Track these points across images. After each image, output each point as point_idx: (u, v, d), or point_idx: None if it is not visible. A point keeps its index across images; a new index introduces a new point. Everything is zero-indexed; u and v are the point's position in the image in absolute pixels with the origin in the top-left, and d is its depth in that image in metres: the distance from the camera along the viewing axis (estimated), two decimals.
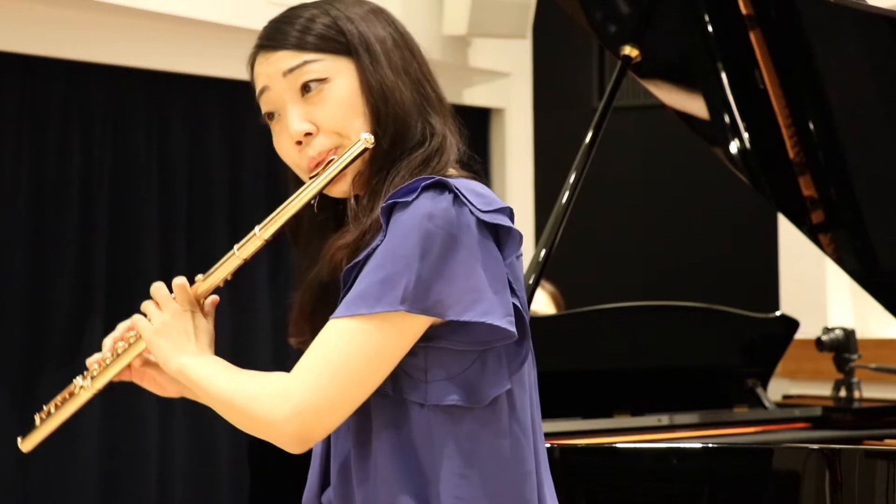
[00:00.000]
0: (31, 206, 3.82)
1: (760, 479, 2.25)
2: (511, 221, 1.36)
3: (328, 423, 1.33)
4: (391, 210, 1.32)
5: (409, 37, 1.48)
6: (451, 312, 1.31)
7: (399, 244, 1.30)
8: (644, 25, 2.79)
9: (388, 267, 1.30)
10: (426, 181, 1.33)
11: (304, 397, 1.31)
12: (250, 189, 4.25)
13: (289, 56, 1.41)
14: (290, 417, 1.31)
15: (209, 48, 4.10)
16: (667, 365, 2.98)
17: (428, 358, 1.34)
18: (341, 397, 1.31)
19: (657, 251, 4.81)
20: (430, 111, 1.44)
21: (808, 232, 3.07)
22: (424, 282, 1.29)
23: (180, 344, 1.43)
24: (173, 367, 1.43)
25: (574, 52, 4.99)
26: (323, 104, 1.40)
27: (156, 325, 1.44)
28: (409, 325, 1.31)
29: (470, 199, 1.33)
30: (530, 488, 1.38)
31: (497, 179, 5.04)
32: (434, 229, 1.29)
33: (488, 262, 1.32)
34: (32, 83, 3.84)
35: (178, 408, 4.04)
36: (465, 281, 1.30)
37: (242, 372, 1.39)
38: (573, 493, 2.25)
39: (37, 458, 3.76)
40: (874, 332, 4.27)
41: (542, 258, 2.53)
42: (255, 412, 1.33)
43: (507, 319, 1.32)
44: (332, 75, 1.40)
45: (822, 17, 2.54)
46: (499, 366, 1.35)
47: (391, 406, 1.36)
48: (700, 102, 3.06)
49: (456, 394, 1.33)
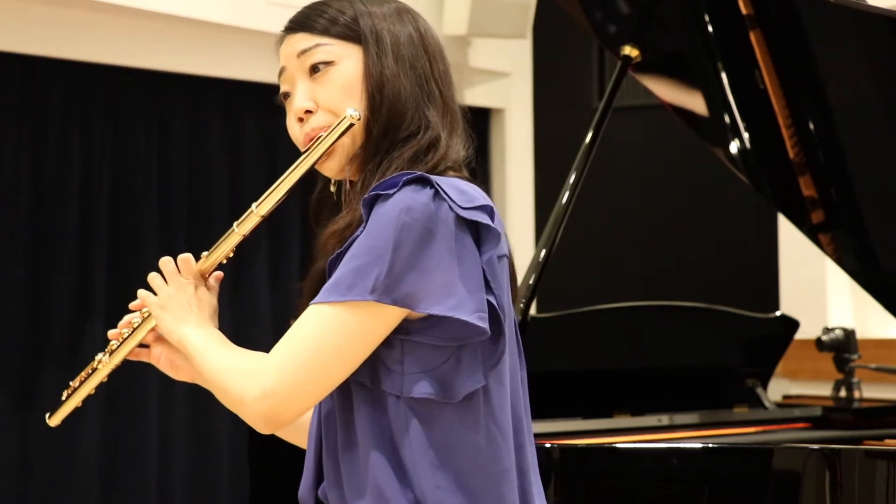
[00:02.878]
0: (31, 206, 3.82)
1: (760, 479, 2.25)
2: (491, 220, 1.37)
3: (296, 407, 1.37)
4: (373, 202, 1.36)
5: (429, 38, 1.53)
6: (421, 305, 1.33)
7: (375, 235, 1.33)
8: (644, 25, 2.79)
9: (363, 257, 1.33)
10: (408, 175, 1.36)
11: (273, 380, 1.35)
12: (250, 189, 4.25)
13: (306, 38, 1.50)
14: (259, 398, 1.35)
15: (209, 48, 4.10)
16: (667, 365, 2.99)
17: (405, 351, 1.37)
18: (309, 382, 1.35)
19: (657, 251, 4.81)
20: (428, 106, 1.48)
21: (808, 232, 3.07)
22: (396, 273, 1.32)
23: (183, 315, 1.51)
24: (175, 338, 1.50)
25: (574, 52, 4.99)
26: (325, 84, 1.48)
27: (161, 298, 1.52)
28: (380, 315, 1.34)
29: (451, 195, 1.35)
30: (508, 486, 1.39)
31: (497, 179, 5.04)
32: (410, 222, 1.32)
33: (464, 259, 1.34)
34: (32, 83, 3.85)
35: (179, 408, 4.04)
36: (438, 275, 1.33)
37: (233, 349, 1.44)
38: (573, 493, 2.25)
39: (38, 458, 3.76)
40: (874, 332, 4.27)
41: (542, 258, 2.53)
42: (230, 389, 1.39)
43: (478, 315, 1.34)
44: (339, 59, 1.48)
45: (822, 17, 2.54)
46: (474, 362, 1.37)
47: (371, 397, 1.39)
48: (700, 102, 3.06)
49: (430, 387, 1.36)
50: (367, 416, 1.38)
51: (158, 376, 4.00)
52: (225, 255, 1.54)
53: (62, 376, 3.80)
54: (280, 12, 4.11)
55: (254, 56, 4.06)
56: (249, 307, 4.20)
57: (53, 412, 1.66)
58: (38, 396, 3.78)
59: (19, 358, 3.76)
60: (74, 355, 3.84)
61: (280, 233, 4.23)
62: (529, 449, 1.47)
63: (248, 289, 4.19)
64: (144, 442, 3.95)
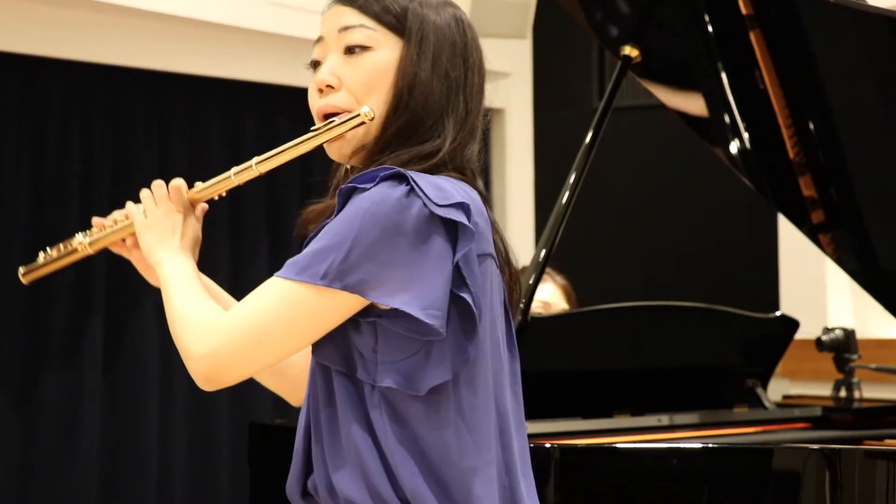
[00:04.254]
0: (31, 206, 3.82)
1: (760, 480, 2.25)
2: (467, 217, 1.36)
3: (236, 372, 1.40)
4: (350, 194, 1.37)
5: (473, 49, 1.54)
6: (373, 294, 1.34)
7: (342, 224, 1.35)
8: (644, 25, 2.79)
9: (325, 241, 1.35)
10: (386, 171, 1.37)
11: (219, 341, 1.39)
12: (250, 188, 4.24)
13: (352, 14, 1.49)
14: (203, 356, 1.39)
15: (209, 48, 4.10)
16: (667, 365, 2.98)
17: (378, 340, 1.38)
18: (252, 350, 1.39)
19: (657, 251, 4.81)
20: (449, 118, 1.48)
21: (808, 232, 3.07)
22: (352, 260, 1.33)
23: (164, 240, 1.57)
24: (153, 260, 1.57)
25: (574, 52, 4.99)
26: (356, 66, 1.47)
27: (148, 219, 1.60)
28: (330, 299, 1.35)
29: (426, 191, 1.35)
30: (481, 483, 1.39)
31: (497, 179, 5.04)
32: (378, 213, 1.33)
33: (428, 256, 1.34)
34: (32, 83, 3.85)
35: (179, 407, 4.04)
36: (397, 268, 1.33)
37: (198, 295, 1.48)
38: (573, 493, 2.25)
39: (38, 458, 3.77)
40: (874, 332, 4.26)
41: (542, 258, 2.53)
42: (182, 338, 1.43)
43: (426, 312, 1.33)
44: (377, 46, 1.47)
45: (822, 17, 2.54)
46: (441, 358, 1.37)
47: (350, 386, 1.40)
48: (700, 102, 3.06)
49: (396, 378, 1.36)
50: (348, 404, 1.39)
51: (158, 376, 4.02)
52: (217, 194, 1.62)
53: (62, 376, 3.82)
54: (280, 12, 4.11)
55: (254, 56, 4.06)
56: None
57: (27, 267, 1.77)
58: (38, 396, 3.78)
59: (19, 358, 3.76)
60: (74, 355, 3.84)
61: (280, 233, 4.23)
62: (518, 447, 1.46)
63: (248, 288, 4.18)
64: (144, 442, 3.95)
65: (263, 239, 4.20)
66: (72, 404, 3.82)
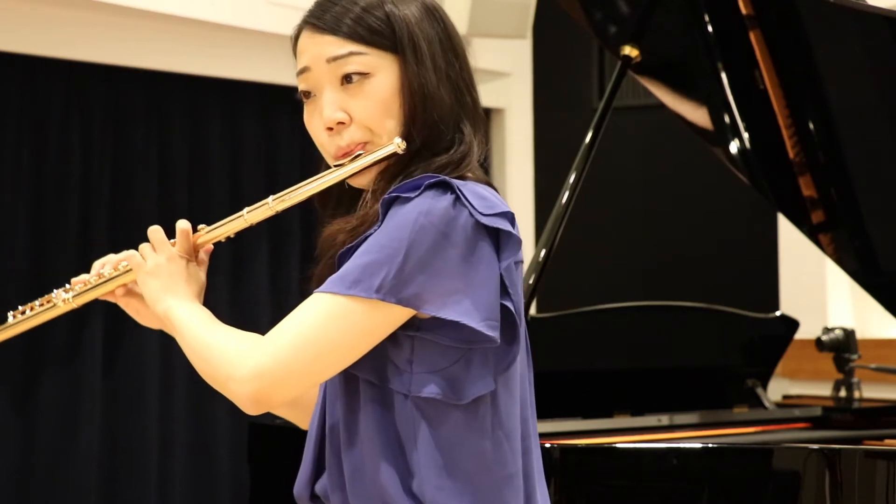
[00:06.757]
0: (31, 206, 3.82)
1: (760, 479, 2.25)
2: (512, 226, 1.35)
3: (284, 391, 1.33)
4: (391, 203, 1.34)
5: (455, 37, 1.47)
6: (428, 307, 1.30)
7: (390, 235, 1.30)
8: (644, 26, 2.79)
9: (374, 254, 1.30)
10: (430, 179, 1.33)
11: (265, 361, 1.32)
12: (250, 189, 4.25)
13: (336, 43, 1.40)
14: (248, 378, 1.32)
15: (209, 48, 4.10)
16: (667, 365, 2.99)
17: (414, 349, 1.35)
18: (301, 369, 1.32)
19: (657, 251, 4.81)
20: (464, 119, 1.44)
21: (808, 232, 3.07)
22: (406, 273, 1.29)
23: (170, 287, 1.48)
24: (160, 309, 1.47)
25: (574, 52, 4.99)
26: (361, 97, 1.40)
27: (150, 266, 1.50)
28: (384, 314, 1.31)
29: (472, 201, 1.33)
30: (512, 492, 1.37)
31: (497, 179, 5.04)
32: (428, 225, 1.30)
33: (479, 265, 1.32)
34: (32, 83, 3.85)
35: (179, 407, 4.04)
36: (450, 279, 1.30)
37: (221, 326, 1.41)
38: (573, 493, 2.25)
39: (38, 458, 3.77)
40: (874, 332, 4.26)
41: (542, 258, 2.53)
42: (219, 366, 1.35)
43: (486, 323, 1.31)
44: (374, 70, 1.40)
45: (822, 17, 2.54)
46: (484, 366, 1.35)
47: (379, 396, 1.37)
48: (700, 102, 3.06)
49: (438, 387, 1.33)
50: (373, 414, 1.36)
51: (158, 375, 4.03)
52: (225, 237, 1.51)
53: (62, 376, 3.82)
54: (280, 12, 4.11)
55: (254, 56, 4.06)
56: (249, 307, 4.19)
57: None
58: (38, 396, 3.78)
59: (19, 358, 3.76)
60: (74, 355, 3.84)
61: (280, 233, 4.23)
62: (535, 452, 1.45)
63: (248, 288, 4.19)
64: (144, 441, 3.95)
65: (263, 244, 4.21)
66: (72, 404, 3.82)
